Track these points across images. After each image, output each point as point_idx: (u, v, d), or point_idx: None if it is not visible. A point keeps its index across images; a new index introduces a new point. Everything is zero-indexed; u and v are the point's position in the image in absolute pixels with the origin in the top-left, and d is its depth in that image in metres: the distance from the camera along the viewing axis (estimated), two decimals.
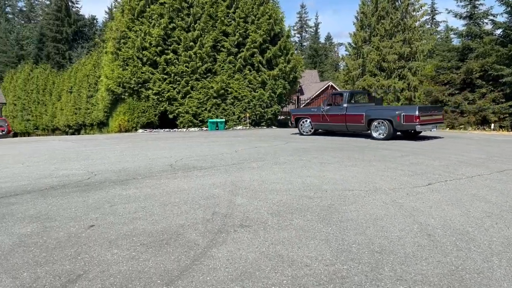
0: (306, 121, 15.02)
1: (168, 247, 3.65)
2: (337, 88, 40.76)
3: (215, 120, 21.18)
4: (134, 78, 21.61)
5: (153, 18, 22.03)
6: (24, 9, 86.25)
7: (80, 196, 5.55)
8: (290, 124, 16.51)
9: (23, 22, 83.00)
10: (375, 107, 13.81)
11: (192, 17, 22.37)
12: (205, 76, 22.61)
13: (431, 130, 13.45)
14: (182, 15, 22.53)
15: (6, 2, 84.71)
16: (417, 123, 11.96)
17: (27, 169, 8.07)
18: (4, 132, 25.77)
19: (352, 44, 44.75)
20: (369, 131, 13.04)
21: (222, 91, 22.17)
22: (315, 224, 4.24)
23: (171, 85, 22.20)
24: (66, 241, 3.84)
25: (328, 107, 14.18)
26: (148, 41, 21.85)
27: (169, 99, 22.13)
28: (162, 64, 22.08)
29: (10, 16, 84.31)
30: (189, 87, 22.26)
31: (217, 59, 22.67)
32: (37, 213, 4.74)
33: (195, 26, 22.42)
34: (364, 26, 41.22)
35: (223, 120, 21.61)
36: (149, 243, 3.76)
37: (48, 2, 75.57)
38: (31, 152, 11.45)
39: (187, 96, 22.31)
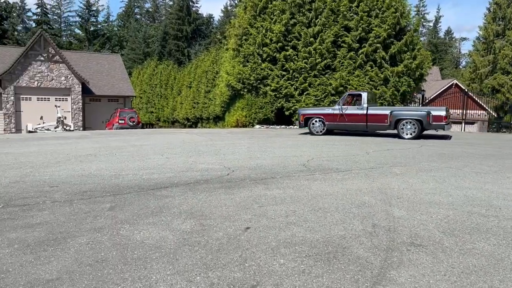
0: (317, 120, 14.86)
1: (338, 263, 3.29)
2: (462, 86, 37.15)
3: None
4: (253, 75, 22.01)
5: (274, 14, 22.16)
6: (150, 10, 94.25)
7: (225, 193, 5.50)
8: (298, 124, 15.94)
9: (149, 22, 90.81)
10: (400, 108, 14.97)
11: (313, 12, 22.01)
12: (324, 72, 22.12)
13: (444, 129, 13.86)
14: (303, 10, 22.32)
15: (135, 4, 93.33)
16: (445, 123, 12.92)
17: (168, 161, 8.45)
18: (134, 123, 28.28)
19: (481, 38, 40.42)
20: (395, 131, 13.60)
21: (341, 88, 21.46)
22: (506, 250, 3.54)
23: (289, 81, 22.16)
24: (227, 243, 3.71)
25: (346, 106, 14.39)
26: (269, 37, 22.06)
27: (286, 95, 22.11)
28: (281, 60, 22.14)
29: (138, 16, 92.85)
30: (306, 84, 21.99)
31: (337, 55, 22.01)
32: (190, 209, 4.75)
33: (316, 21, 22.03)
34: (497, 18, 36.99)
35: None
36: (314, 255, 3.45)
37: (171, 3, 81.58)
38: (165, 144, 12.14)
39: (304, 93, 22.07)
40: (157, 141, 13.26)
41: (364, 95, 14.20)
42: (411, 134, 13.10)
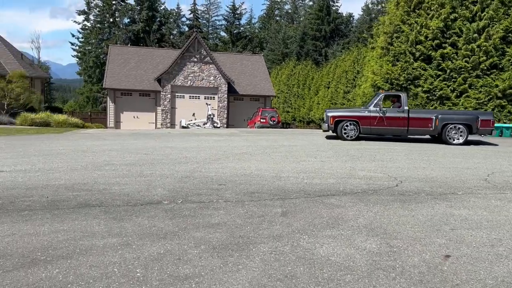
0: (349, 124, 13.16)
1: None
2: None
3: (508, 125, 17.89)
4: (403, 75, 20.55)
5: (432, 8, 20.32)
6: (289, 11, 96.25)
7: (402, 208, 4.89)
8: (327, 128, 13.62)
9: (287, 23, 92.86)
10: (444, 111, 14.35)
11: (479, 4, 19.56)
12: (489, 72, 19.50)
13: (490, 135, 13.42)
14: (466, 3, 20.02)
15: (276, 6, 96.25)
16: (492, 128, 12.46)
17: (323, 164, 8.11)
18: (275, 122, 28.95)
19: None
20: (441, 136, 12.74)
21: (510, 90, 18.65)
22: None
23: (444, 82, 20.10)
24: (428, 273, 3.13)
25: (385, 108, 13.26)
26: (424, 34, 20.32)
27: (441, 97, 20.10)
28: (437, 59, 20.20)
29: (277, 18, 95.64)
30: (466, 85, 19.66)
31: (506, 53, 19.18)
32: (369, 224, 4.27)
33: (482, 15, 19.54)
34: None
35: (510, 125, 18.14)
36: None
37: (311, 3, 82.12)
38: (313, 146, 11.87)
39: (463, 95, 19.76)
40: (304, 142, 13.09)
41: (404, 96, 13.26)
42: (458, 139, 12.53)
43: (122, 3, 55.21)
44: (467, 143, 12.71)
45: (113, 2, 53.58)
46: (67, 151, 9.61)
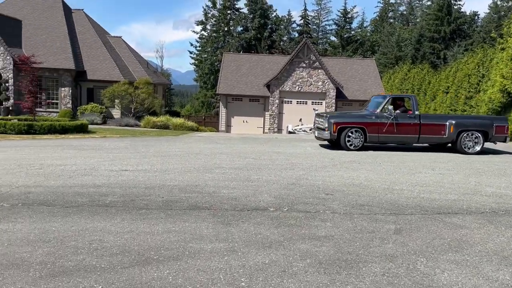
0: (354, 131, 11.50)
1: None
2: None
3: None
4: None
5: None
6: (405, 12, 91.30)
7: None
8: (328, 136, 11.69)
9: (402, 25, 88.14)
10: (459, 116, 13.55)
11: None
12: None
13: (505, 142, 11.92)
14: None
15: (389, 8, 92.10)
16: (506, 135, 11.48)
17: (443, 177, 7.38)
18: None
19: None
20: (455, 144, 11.51)
21: None
22: None
23: None
24: None
25: (396, 114, 11.61)
26: None
27: None
28: None
29: (391, 20, 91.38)
30: None
31: None
32: (500, 250, 3.71)
33: None
34: None
35: None
36: None
37: (429, 3, 76.90)
38: (430, 157, 10.94)
39: None
40: (419, 152, 12.12)
41: (415, 100, 12.03)
42: (473, 147, 11.41)
43: (237, 12, 57.87)
44: (481, 152, 11.57)
45: (228, 12, 56.47)
46: (182, 153, 10.21)
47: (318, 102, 33.45)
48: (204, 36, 57.05)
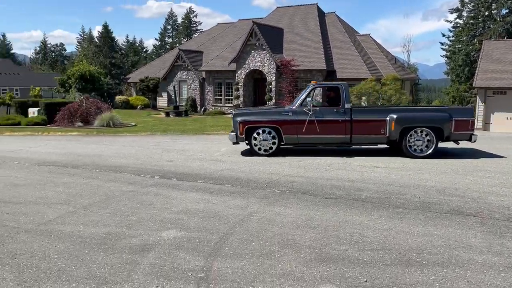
0: (264, 131, 8.71)
1: None
2: None
3: None
4: None
5: None
6: None
7: None
8: (235, 139, 8.95)
9: None
10: (405, 109, 9.45)
11: None
12: None
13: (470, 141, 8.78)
14: None
15: None
16: (471, 132, 8.53)
17: None
18: None
19: None
20: (401, 145, 8.46)
21: None
22: None
23: None
24: None
25: (317, 108, 8.62)
26: None
27: None
28: None
29: None
30: None
31: None
32: None
33: None
34: None
35: None
36: None
37: None
38: None
39: None
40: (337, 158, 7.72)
41: (344, 89, 8.89)
42: (422, 149, 8.41)
43: None
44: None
45: None
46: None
47: None
48: (459, 25, 51.82)
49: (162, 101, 32.07)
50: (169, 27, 71.96)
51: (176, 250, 3.56)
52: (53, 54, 76.96)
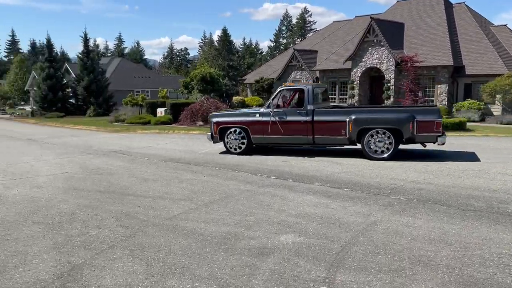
0: (235, 131, 9.47)
1: None
2: None
3: None
4: None
5: None
6: None
7: None
8: (211, 137, 9.83)
9: None
10: (365, 110, 9.50)
11: None
12: None
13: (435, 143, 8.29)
14: None
15: None
16: (437, 133, 8.02)
17: None
18: None
19: None
20: (360, 145, 8.52)
21: None
22: None
23: None
24: None
25: (281, 110, 9.24)
26: None
27: None
28: None
29: None
30: None
31: None
32: None
33: None
34: None
35: None
36: None
37: None
38: None
39: None
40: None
41: (308, 91, 9.08)
42: (382, 151, 8.27)
43: None
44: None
45: None
46: None
47: None
48: None
49: None
50: (283, 28, 73.10)
51: (295, 257, 3.40)
52: (178, 58, 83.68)
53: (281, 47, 69.48)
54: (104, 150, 10.46)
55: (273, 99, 9.38)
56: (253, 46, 75.96)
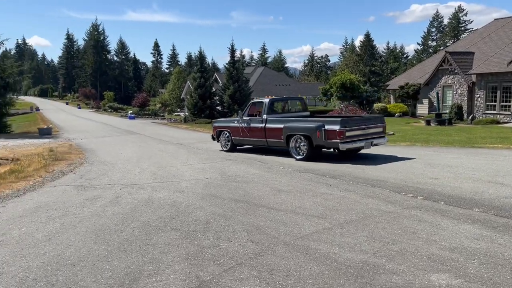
0: (225, 134, 12.16)
1: None
2: None
3: None
4: None
5: None
6: None
7: None
8: (212, 137, 13.07)
9: None
10: (296, 119, 10.81)
11: None
12: None
13: (364, 148, 9.69)
14: None
15: None
16: (339, 140, 9.01)
17: None
18: None
19: None
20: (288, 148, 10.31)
21: None
22: None
23: None
24: None
25: (248, 118, 11.41)
26: None
27: None
28: None
29: None
30: None
31: None
32: None
33: None
34: None
35: None
36: None
37: None
38: None
39: None
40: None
41: (266, 103, 11.08)
42: (301, 154, 9.87)
43: None
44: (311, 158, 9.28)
45: None
46: None
47: None
48: None
49: (421, 109, 30.05)
50: (433, 29, 67.65)
51: None
52: (318, 65, 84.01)
53: (430, 50, 64.32)
54: (243, 157, 10.74)
55: (244, 110, 11.66)
56: (397, 50, 72.00)
